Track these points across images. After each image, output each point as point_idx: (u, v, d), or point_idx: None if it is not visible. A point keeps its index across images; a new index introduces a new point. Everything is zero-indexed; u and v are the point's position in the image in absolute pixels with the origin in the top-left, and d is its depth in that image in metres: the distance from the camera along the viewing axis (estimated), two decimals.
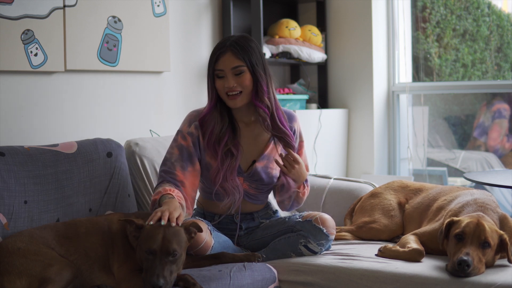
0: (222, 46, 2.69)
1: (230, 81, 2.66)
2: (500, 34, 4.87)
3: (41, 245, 2.31)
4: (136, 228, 2.33)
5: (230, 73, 2.67)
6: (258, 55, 2.71)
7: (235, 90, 2.67)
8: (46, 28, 3.01)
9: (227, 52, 2.67)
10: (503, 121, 4.94)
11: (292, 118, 2.87)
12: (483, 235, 2.44)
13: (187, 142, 2.73)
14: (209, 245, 2.60)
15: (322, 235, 2.71)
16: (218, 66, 2.68)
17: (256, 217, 2.89)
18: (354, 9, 4.52)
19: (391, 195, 3.11)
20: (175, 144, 2.75)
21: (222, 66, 2.67)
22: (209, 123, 2.73)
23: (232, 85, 2.66)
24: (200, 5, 3.90)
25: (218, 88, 2.70)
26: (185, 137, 2.74)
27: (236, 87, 2.67)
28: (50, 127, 3.11)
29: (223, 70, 2.67)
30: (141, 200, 3.08)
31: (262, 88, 2.69)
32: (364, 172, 4.54)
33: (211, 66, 2.70)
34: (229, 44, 2.68)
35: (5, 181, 2.53)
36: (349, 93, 4.58)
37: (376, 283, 2.50)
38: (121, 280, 2.32)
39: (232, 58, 2.66)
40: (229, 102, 2.70)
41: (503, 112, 4.96)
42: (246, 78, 2.67)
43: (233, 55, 2.66)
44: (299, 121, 2.90)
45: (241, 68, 2.66)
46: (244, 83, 2.67)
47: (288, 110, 2.89)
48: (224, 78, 2.68)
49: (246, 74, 2.67)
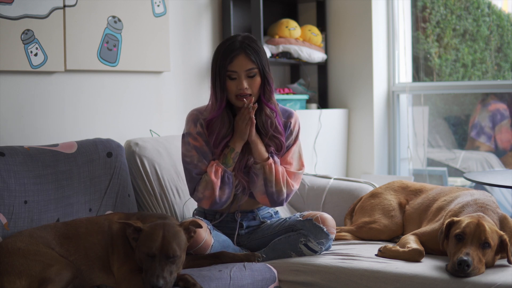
0: (233, 48, 2.69)
1: (243, 83, 2.69)
2: (500, 34, 4.87)
3: (41, 245, 2.31)
4: (134, 230, 2.33)
5: (244, 75, 2.69)
6: (265, 56, 2.75)
7: (247, 92, 2.69)
8: (46, 28, 3.01)
9: (240, 53, 2.69)
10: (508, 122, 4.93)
11: (290, 114, 2.88)
12: (484, 235, 2.44)
13: (199, 143, 2.76)
14: (208, 244, 2.60)
15: (322, 234, 2.71)
16: (233, 68, 2.69)
17: (257, 215, 2.89)
18: (354, 9, 4.52)
19: (391, 195, 3.11)
20: (190, 146, 2.77)
21: (237, 67, 2.68)
22: (216, 125, 2.75)
23: (245, 87, 2.69)
24: (200, 5, 3.90)
25: (229, 89, 2.71)
26: (196, 138, 2.76)
27: (247, 90, 2.69)
28: (50, 127, 3.11)
29: (236, 71, 2.69)
30: (141, 200, 3.08)
31: (271, 88, 2.75)
32: (364, 172, 4.54)
33: (224, 67, 2.69)
34: (240, 45, 2.69)
35: (5, 181, 2.53)
36: (349, 93, 4.58)
37: (376, 283, 2.50)
38: (121, 280, 2.32)
39: (246, 60, 2.69)
40: (240, 103, 2.72)
41: (505, 112, 4.96)
42: (257, 81, 2.71)
43: (246, 57, 2.69)
44: (298, 121, 2.90)
45: (254, 70, 2.70)
46: (255, 86, 2.71)
47: (288, 109, 2.90)
48: (237, 80, 2.69)
49: (257, 77, 2.71)
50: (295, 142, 2.88)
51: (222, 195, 2.72)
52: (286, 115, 2.87)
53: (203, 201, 2.73)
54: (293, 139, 2.88)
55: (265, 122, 2.77)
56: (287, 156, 2.85)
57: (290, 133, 2.86)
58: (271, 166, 2.75)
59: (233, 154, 2.73)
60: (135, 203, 3.00)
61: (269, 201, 2.79)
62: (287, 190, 2.79)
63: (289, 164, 2.84)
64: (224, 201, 2.74)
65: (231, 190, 2.75)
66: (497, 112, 5.00)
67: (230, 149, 2.73)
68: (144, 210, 3.07)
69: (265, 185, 2.75)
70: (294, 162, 2.86)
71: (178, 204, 3.11)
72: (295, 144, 2.88)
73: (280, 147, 2.81)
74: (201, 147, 2.75)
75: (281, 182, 2.76)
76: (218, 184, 2.69)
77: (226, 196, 2.73)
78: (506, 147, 4.99)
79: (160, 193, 3.09)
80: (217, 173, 2.71)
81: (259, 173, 2.76)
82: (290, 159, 2.85)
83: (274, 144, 2.79)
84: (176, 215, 3.08)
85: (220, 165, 2.72)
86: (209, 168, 2.72)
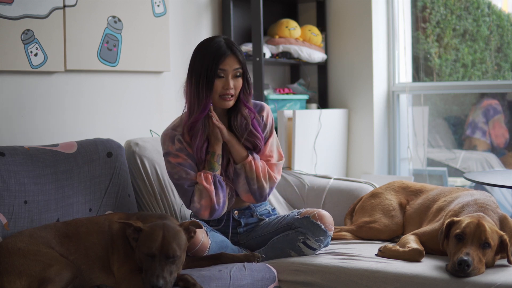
0: (222, 48, 2.72)
1: (230, 82, 2.72)
2: (500, 34, 4.87)
3: (41, 245, 2.31)
4: (134, 230, 2.33)
5: (231, 74, 2.73)
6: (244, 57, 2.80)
7: (231, 92, 2.73)
8: (46, 28, 3.01)
9: (231, 53, 2.72)
10: (501, 116, 4.94)
11: (261, 107, 2.91)
12: (484, 235, 2.44)
13: (182, 158, 2.77)
14: (206, 246, 2.61)
15: (320, 231, 2.72)
16: (224, 66, 2.71)
17: (254, 212, 2.90)
18: (354, 9, 4.52)
19: (391, 195, 3.11)
20: (174, 164, 2.77)
21: (227, 66, 2.72)
22: (197, 129, 2.75)
23: (231, 87, 2.72)
24: (200, 5, 3.90)
25: (215, 88, 2.72)
26: (177, 155, 2.77)
27: (232, 90, 2.73)
28: (50, 127, 3.11)
29: (226, 70, 2.72)
30: (141, 200, 3.08)
31: (250, 89, 2.80)
32: (364, 172, 4.54)
33: (214, 65, 2.70)
34: (227, 46, 2.73)
35: (5, 181, 2.53)
36: (349, 93, 4.58)
37: (376, 283, 2.50)
38: (121, 280, 2.32)
39: (235, 61, 2.73)
40: (222, 103, 2.75)
41: (497, 107, 4.96)
42: (240, 82, 2.76)
43: (235, 58, 2.73)
44: (271, 113, 2.94)
45: (239, 70, 2.75)
46: (238, 86, 2.76)
47: (259, 102, 2.94)
48: (224, 79, 2.72)
49: (240, 78, 2.76)
50: (271, 134, 2.92)
51: (219, 200, 2.74)
52: (257, 108, 2.90)
53: (202, 211, 2.74)
54: (269, 132, 2.91)
55: (240, 124, 2.80)
56: (266, 150, 2.88)
57: (264, 126, 2.89)
58: (251, 163, 2.79)
59: (215, 157, 2.76)
60: (135, 203, 3.00)
61: (253, 198, 2.83)
62: (270, 184, 2.83)
63: (269, 157, 2.88)
64: (222, 207, 2.77)
65: (225, 193, 2.78)
66: (489, 108, 5.00)
67: (211, 154, 2.76)
68: (144, 210, 3.07)
69: (248, 183, 2.79)
70: (274, 154, 2.90)
71: (178, 204, 3.11)
72: (272, 136, 2.92)
73: (258, 146, 2.83)
74: (185, 161, 2.77)
75: (262, 178, 2.80)
76: (212, 189, 2.72)
77: (222, 200, 2.76)
78: (501, 143, 4.99)
79: (160, 193, 3.09)
80: (208, 179, 2.73)
81: (241, 173, 2.79)
82: (270, 152, 2.89)
83: (251, 144, 2.82)
84: (176, 215, 3.08)
85: (207, 172, 2.74)
86: (198, 177, 2.74)
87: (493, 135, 5.01)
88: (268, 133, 2.91)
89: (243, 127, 2.81)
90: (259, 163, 2.81)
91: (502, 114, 4.93)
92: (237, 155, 2.80)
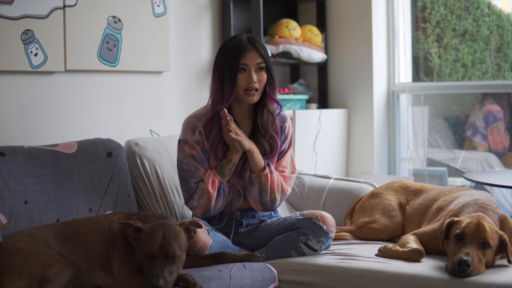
0: (244, 43, 2.75)
1: (253, 76, 2.74)
2: (500, 34, 4.87)
3: (41, 245, 2.31)
4: (134, 230, 2.33)
5: (253, 69, 2.75)
6: (268, 54, 2.82)
7: (255, 86, 2.74)
8: (46, 28, 3.01)
9: (251, 48, 2.75)
10: (500, 124, 4.94)
11: (284, 118, 2.93)
12: (484, 235, 2.44)
13: (196, 151, 2.77)
14: (207, 245, 2.61)
15: (322, 232, 2.72)
16: (245, 61, 2.73)
17: (256, 213, 2.90)
18: (354, 9, 4.52)
19: (391, 195, 3.11)
20: (186, 154, 2.78)
21: (249, 61, 2.74)
22: (216, 122, 2.76)
23: (255, 80, 2.74)
24: (200, 5, 3.90)
25: (239, 83, 2.73)
26: (193, 146, 2.78)
27: (256, 83, 2.75)
28: (50, 127, 3.11)
29: (248, 64, 2.74)
30: (141, 200, 3.08)
31: (275, 84, 2.82)
32: (364, 172, 4.54)
33: (236, 60, 2.72)
34: (249, 41, 2.76)
35: (5, 181, 2.53)
36: (349, 93, 4.58)
37: (376, 283, 2.50)
38: (121, 280, 2.32)
39: (256, 55, 2.75)
40: (247, 98, 2.76)
41: (497, 114, 4.97)
42: (264, 76, 2.77)
43: (257, 52, 2.76)
44: (291, 126, 2.96)
45: (262, 64, 2.77)
46: (262, 80, 2.77)
47: (282, 113, 2.94)
48: (246, 73, 2.75)
49: (264, 72, 2.77)
50: (289, 147, 2.93)
51: (216, 206, 2.77)
52: (281, 119, 2.91)
53: (197, 209, 2.77)
54: (288, 144, 2.92)
55: (266, 119, 2.82)
56: (282, 161, 2.90)
57: (285, 137, 2.90)
58: (267, 177, 2.79)
59: (230, 165, 2.77)
60: (135, 203, 3.00)
61: (262, 209, 2.85)
62: (281, 196, 2.85)
63: (284, 167, 2.90)
64: (217, 211, 2.79)
65: (224, 202, 2.80)
66: (489, 114, 5.01)
67: (227, 160, 2.77)
68: (144, 210, 3.07)
69: (260, 194, 2.80)
70: (289, 166, 2.92)
71: (178, 204, 3.11)
72: (290, 149, 2.93)
73: (274, 149, 2.83)
74: (198, 155, 2.77)
75: (276, 191, 2.80)
76: (214, 196, 2.73)
77: (219, 207, 2.78)
78: (499, 149, 5.00)
79: (160, 193, 3.09)
80: (214, 184, 2.73)
81: (255, 182, 2.79)
82: (285, 163, 2.91)
83: (269, 145, 2.81)
84: (176, 215, 3.08)
85: (216, 175, 2.75)
86: (206, 178, 2.75)
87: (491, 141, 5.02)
88: (287, 145, 2.92)
89: (269, 123, 2.82)
90: (275, 176, 2.82)
91: (502, 121, 4.93)
92: (254, 165, 2.79)
